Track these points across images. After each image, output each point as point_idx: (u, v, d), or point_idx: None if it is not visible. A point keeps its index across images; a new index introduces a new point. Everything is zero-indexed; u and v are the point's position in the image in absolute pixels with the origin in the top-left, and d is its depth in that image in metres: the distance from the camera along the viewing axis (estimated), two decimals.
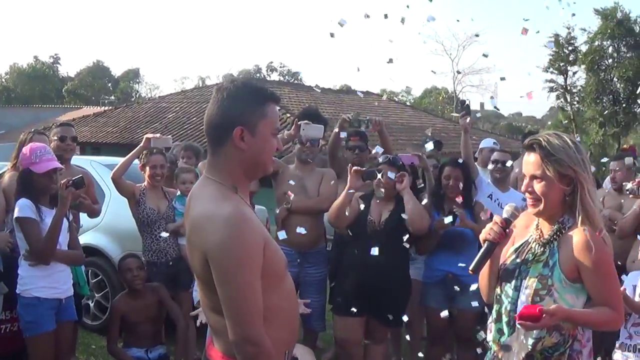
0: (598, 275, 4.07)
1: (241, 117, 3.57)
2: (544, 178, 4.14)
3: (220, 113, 3.61)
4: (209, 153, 3.74)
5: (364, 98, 41.61)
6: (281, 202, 8.33)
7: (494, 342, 4.44)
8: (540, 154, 4.15)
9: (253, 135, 3.58)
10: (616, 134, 57.04)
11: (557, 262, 4.16)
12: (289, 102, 34.21)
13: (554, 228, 4.22)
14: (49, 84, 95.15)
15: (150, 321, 8.36)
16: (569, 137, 4.25)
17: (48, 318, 6.92)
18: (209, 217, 3.45)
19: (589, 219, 4.09)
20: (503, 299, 4.37)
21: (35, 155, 6.95)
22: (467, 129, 8.47)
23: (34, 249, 6.83)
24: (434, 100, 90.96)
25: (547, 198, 4.16)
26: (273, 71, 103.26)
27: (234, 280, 3.37)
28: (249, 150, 3.59)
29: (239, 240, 3.38)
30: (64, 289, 7.12)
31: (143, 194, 8.54)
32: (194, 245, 3.58)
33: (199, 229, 3.49)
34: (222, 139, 3.61)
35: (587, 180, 4.13)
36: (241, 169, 3.66)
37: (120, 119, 37.49)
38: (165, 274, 8.53)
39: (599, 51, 57.46)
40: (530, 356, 4.23)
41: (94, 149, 32.39)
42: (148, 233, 8.55)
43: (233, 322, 3.41)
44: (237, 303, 3.40)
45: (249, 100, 3.62)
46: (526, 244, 4.37)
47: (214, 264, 3.39)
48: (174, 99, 39.82)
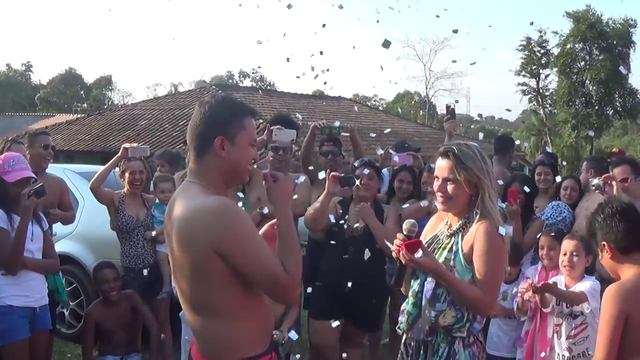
0: (483, 259, 4.63)
1: (222, 127, 3.90)
2: (455, 181, 4.75)
3: (203, 124, 3.93)
4: (192, 161, 4.01)
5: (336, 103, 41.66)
6: (254, 207, 8.33)
7: (405, 324, 5.00)
8: (453, 161, 4.74)
9: (232, 145, 3.91)
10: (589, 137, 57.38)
11: (460, 248, 4.76)
12: (262, 108, 34.21)
13: (460, 222, 4.85)
14: (21, 92, 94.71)
15: (125, 329, 8.33)
16: (477, 148, 4.86)
17: (21, 326, 6.86)
18: (204, 210, 3.74)
19: (488, 215, 4.70)
20: (412, 283, 4.97)
21: (7, 165, 6.96)
22: (452, 133, 8.53)
23: (2, 259, 6.79)
24: (406, 104, 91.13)
25: (456, 198, 4.78)
26: (245, 77, 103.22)
27: (253, 252, 3.72)
28: (229, 158, 3.92)
29: (238, 218, 3.76)
30: (38, 297, 7.07)
31: (122, 201, 8.57)
32: (184, 243, 3.78)
33: (193, 224, 3.73)
34: (204, 148, 3.93)
35: (489, 186, 4.75)
36: (221, 176, 3.96)
37: (93, 127, 37.33)
38: (142, 280, 8.55)
39: (571, 54, 57.80)
40: (434, 331, 4.80)
41: (67, 157, 32.18)
42: (126, 240, 8.58)
43: (267, 286, 3.82)
44: (263, 267, 3.75)
45: (229, 113, 3.97)
46: (435, 237, 5.02)
47: (229, 247, 3.67)
48: (147, 106, 39.71)
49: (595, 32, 55.86)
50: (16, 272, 6.84)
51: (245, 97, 36.54)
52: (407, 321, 4.97)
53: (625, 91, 57.70)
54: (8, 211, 6.85)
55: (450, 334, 4.78)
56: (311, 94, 50.88)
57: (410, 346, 4.99)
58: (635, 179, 8.02)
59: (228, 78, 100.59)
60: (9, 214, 6.84)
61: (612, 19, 56.98)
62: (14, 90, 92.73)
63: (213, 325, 3.88)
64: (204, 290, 3.82)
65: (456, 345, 4.78)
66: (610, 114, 58.85)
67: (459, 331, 4.78)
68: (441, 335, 4.79)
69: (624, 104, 58.05)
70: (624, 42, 56.33)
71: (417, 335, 4.89)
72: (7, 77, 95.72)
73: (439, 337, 4.80)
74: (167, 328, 8.59)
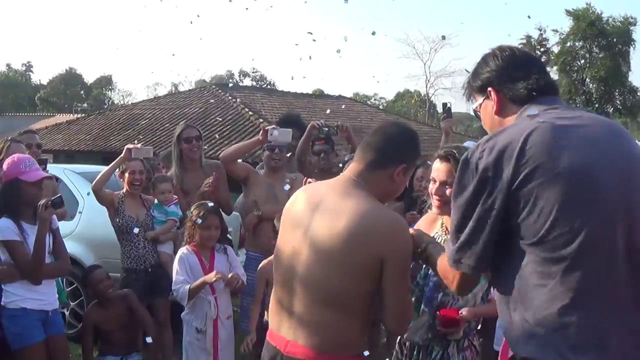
0: None
1: (408, 158, 4.22)
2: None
3: (396, 145, 4.22)
4: (363, 164, 4.21)
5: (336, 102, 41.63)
6: (251, 208, 8.33)
7: None
8: (453, 164, 4.77)
9: (404, 176, 4.21)
10: None
11: None
12: (262, 108, 34.24)
13: None
14: (21, 92, 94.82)
15: (124, 329, 8.30)
16: None
17: (36, 329, 6.82)
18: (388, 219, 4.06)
19: None
20: (413, 288, 4.88)
21: (24, 165, 6.87)
22: (449, 132, 8.51)
23: (24, 271, 6.77)
24: (406, 103, 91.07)
25: None
26: (245, 76, 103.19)
27: (405, 274, 4.05)
28: (397, 184, 4.23)
29: (409, 240, 4.07)
30: (50, 300, 7.05)
31: (122, 202, 8.52)
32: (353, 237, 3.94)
33: (373, 225, 3.95)
34: (385, 164, 4.16)
35: None
36: (380, 192, 4.17)
37: (93, 127, 37.37)
38: (143, 281, 8.50)
39: (571, 52, 57.84)
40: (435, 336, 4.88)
41: (67, 157, 32.26)
42: (127, 241, 8.52)
43: (395, 308, 4.04)
44: (404, 290, 4.08)
45: (415, 149, 4.32)
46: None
47: (395, 260, 3.93)
48: (147, 106, 39.74)
49: (595, 30, 55.86)
50: (40, 283, 6.84)
51: (245, 97, 36.61)
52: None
53: (626, 89, 57.76)
54: (17, 219, 6.77)
55: (445, 338, 4.85)
56: (311, 93, 50.87)
57: (405, 346, 5.03)
58: None
59: (228, 77, 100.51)
60: (18, 223, 6.76)
61: (612, 17, 57.03)
62: (14, 91, 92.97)
63: (339, 321, 4.03)
64: (348, 285, 3.99)
65: (450, 349, 4.87)
66: (610, 112, 58.79)
67: (455, 333, 4.86)
68: (436, 339, 4.85)
69: (624, 102, 58.12)
70: (624, 40, 56.34)
71: (412, 338, 4.93)
72: (7, 77, 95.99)
73: (433, 340, 4.86)
74: (168, 328, 8.57)
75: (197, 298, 7.14)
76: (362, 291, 3.99)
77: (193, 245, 7.32)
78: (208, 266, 7.28)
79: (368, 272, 3.92)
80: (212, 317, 7.19)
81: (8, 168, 6.91)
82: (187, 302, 7.16)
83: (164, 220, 8.59)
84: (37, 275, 6.81)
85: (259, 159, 10.66)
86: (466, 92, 3.79)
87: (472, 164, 3.27)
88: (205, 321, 7.19)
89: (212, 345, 7.22)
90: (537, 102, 3.42)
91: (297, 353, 4.07)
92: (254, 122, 28.91)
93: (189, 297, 7.06)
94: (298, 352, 4.07)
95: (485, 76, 3.59)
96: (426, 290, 4.89)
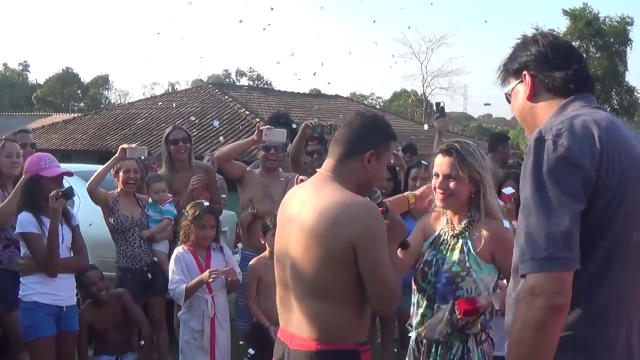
0: (505, 256, 4.55)
1: (375, 143, 4.31)
2: (457, 178, 4.88)
3: (362, 132, 4.36)
4: (334, 159, 4.39)
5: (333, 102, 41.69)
6: (246, 207, 8.33)
7: (419, 325, 5.08)
8: (456, 157, 4.87)
9: (377, 161, 4.32)
10: None
11: (471, 248, 4.91)
12: (258, 107, 34.27)
13: (465, 221, 5.00)
14: (18, 92, 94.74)
15: (118, 328, 8.31)
16: (475, 146, 5.05)
17: (46, 324, 6.98)
18: (352, 204, 4.11)
19: (491, 213, 4.95)
20: (425, 286, 5.05)
21: (44, 162, 7.19)
22: (442, 132, 8.53)
23: (40, 263, 6.96)
24: (403, 103, 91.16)
25: (458, 194, 4.91)
26: (242, 76, 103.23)
27: (380, 256, 4.07)
28: (370, 171, 4.31)
29: (379, 222, 4.13)
30: (65, 296, 7.18)
31: (116, 201, 8.50)
32: (323, 230, 4.08)
33: (338, 215, 4.06)
34: (354, 155, 4.30)
35: (489, 183, 4.95)
36: (356, 183, 4.30)
37: (90, 126, 37.35)
38: (139, 280, 8.48)
39: None
40: (454, 332, 4.87)
41: (63, 156, 32.21)
42: (122, 240, 8.51)
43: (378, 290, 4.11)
44: (383, 272, 4.08)
45: (384, 133, 4.45)
46: (439, 237, 5.14)
47: (365, 244, 4.02)
48: (143, 105, 39.74)
49: (592, 30, 55.84)
50: (55, 274, 7.01)
51: (242, 96, 36.64)
52: (422, 322, 5.05)
53: (622, 89, 57.71)
54: (37, 214, 6.99)
55: (463, 332, 4.90)
56: (308, 93, 50.93)
57: (422, 343, 5.05)
58: None
59: (225, 77, 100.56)
60: (38, 217, 6.99)
61: (608, 17, 56.97)
62: (10, 90, 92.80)
63: (333, 311, 4.14)
64: (330, 276, 4.10)
65: (470, 343, 4.92)
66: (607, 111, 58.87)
67: (473, 327, 4.93)
68: (455, 334, 4.88)
69: (621, 102, 58.06)
70: (620, 40, 56.31)
71: (431, 336, 4.96)
72: (4, 76, 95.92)
73: (452, 336, 4.88)
74: (163, 327, 8.55)
75: (194, 297, 7.17)
76: (345, 280, 4.11)
77: (189, 244, 7.34)
78: (204, 265, 7.30)
79: (343, 259, 4.04)
80: (209, 316, 7.22)
81: (29, 165, 7.22)
82: (184, 302, 7.16)
83: (159, 219, 8.58)
84: (52, 267, 6.96)
85: (255, 157, 10.65)
86: (501, 74, 3.70)
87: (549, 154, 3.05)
88: (202, 320, 7.22)
89: (210, 344, 7.23)
90: (582, 98, 3.38)
91: (301, 346, 4.22)
92: (251, 122, 28.89)
93: (186, 296, 7.10)
94: (302, 344, 4.22)
95: (523, 59, 3.51)
96: (439, 287, 4.94)
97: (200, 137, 28.74)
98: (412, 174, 8.19)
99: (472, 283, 4.85)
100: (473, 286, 4.86)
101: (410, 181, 8.12)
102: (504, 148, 11.52)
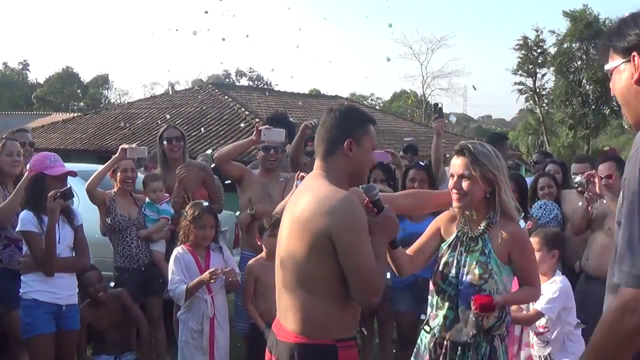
0: (524, 258, 4.99)
1: (351, 131, 4.40)
2: (471, 178, 4.87)
3: (335, 126, 4.43)
4: (319, 157, 4.49)
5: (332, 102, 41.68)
6: (246, 208, 8.33)
7: (442, 327, 5.08)
8: (469, 157, 4.88)
9: (358, 147, 4.39)
10: (586, 136, 57.40)
11: (492, 250, 4.94)
12: (258, 107, 34.25)
13: (484, 223, 5.00)
14: (18, 91, 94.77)
15: (117, 328, 8.32)
16: (491, 147, 5.08)
17: (45, 321, 7.01)
18: (330, 197, 4.17)
19: (507, 213, 4.96)
20: (445, 288, 5.06)
21: (49, 161, 7.25)
22: (440, 133, 8.53)
23: (38, 262, 6.99)
24: (403, 103, 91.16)
25: (472, 194, 4.89)
26: (242, 76, 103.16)
27: (358, 247, 4.12)
28: (355, 159, 4.40)
29: (357, 213, 4.17)
30: (65, 295, 7.18)
31: (113, 200, 8.49)
32: (305, 222, 4.20)
33: (315, 207, 4.17)
34: (334, 149, 4.40)
35: (504, 182, 4.92)
36: (346, 174, 4.41)
37: (90, 126, 37.29)
38: (136, 280, 8.47)
39: (567, 53, 57.98)
40: (479, 333, 4.94)
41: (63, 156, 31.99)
42: (119, 240, 8.50)
43: (358, 281, 4.15)
44: (362, 264, 4.13)
45: (357, 119, 4.51)
46: (457, 239, 5.13)
47: (341, 235, 4.09)
48: (143, 105, 39.70)
49: (592, 31, 55.95)
50: (52, 274, 7.03)
51: (241, 96, 36.61)
52: (444, 324, 5.07)
53: None
54: (39, 213, 7.01)
55: (490, 333, 4.96)
56: (307, 93, 50.91)
57: (443, 346, 5.07)
58: (620, 177, 7.99)
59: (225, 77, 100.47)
60: (39, 216, 7.00)
61: (609, 19, 57.03)
62: (10, 89, 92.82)
63: (313, 304, 4.24)
64: (312, 268, 4.20)
65: (496, 342, 4.99)
66: (607, 113, 58.98)
67: (499, 329, 5.01)
68: (481, 335, 4.95)
69: None
70: None
71: (458, 338, 5.00)
72: (4, 75, 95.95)
73: (479, 337, 4.94)
74: (161, 327, 8.55)
75: (194, 297, 7.17)
76: (327, 273, 4.18)
77: (188, 244, 7.34)
78: (204, 265, 7.29)
79: (323, 251, 4.13)
80: (209, 316, 7.23)
81: (34, 163, 7.27)
82: (184, 302, 7.17)
83: (156, 219, 8.59)
84: (48, 266, 6.98)
85: (254, 157, 10.67)
86: (603, 48, 3.42)
87: None
88: (201, 320, 7.22)
89: (209, 344, 7.23)
90: None
91: (284, 337, 4.35)
92: (250, 121, 28.86)
93: (186, 296, 7.10)
94: (285, 336, 4.35)
95: (634, 39, 3.18)
96: (461, 289, 4.98)
97: (199, 137, 28.73)
98: (410, 175, 8.16)
99: (494, 285, 4.90)
100: (495, 287, 4.91)
101: (408, 182, 8.10)
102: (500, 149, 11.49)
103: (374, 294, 4.22)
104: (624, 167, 3.14)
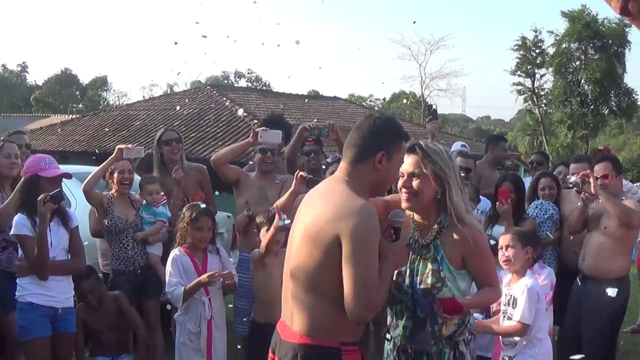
0: (478, 260, 4.78)
1: (385, 144, 4.42)
2: (421, 176, 4.68)
3: (371, 135, 4.43)
4: (347, 162, 4.50)
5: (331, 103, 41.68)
6: (242, 210, 8.33)
7: (402, 337, 4.92)
8: (420, 154, 4.69)
9: (389, 162, 4.43)
10: (585, 136, 57.42)
11: (444, 256, 4.74)
12: (256, 109, 34.21)
13: (435, 228, 4.80)
14: (16, 93, 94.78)
15: (113, 330, 8.31)
16: (443, 147, 4.92)
17: (41, 325, 6.99)
18: (346, 204, 4.20)
19: (458, 216, 4.69)
20: (402, 297, 4.89)
21: (44, 162, 7.22)
22: (434, 134, 8.56)
23: (31, 265, 6.97)
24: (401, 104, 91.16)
25: (422, 193, 4.68)
26: (241, 77, 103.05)
27: (363, 259, 4.12)
28: (382, 172, 4.43)
29: (370, 224, 4.17)
30: (61, 298, 7.17)
31: (111, 202, 8.48)
32: (320, 225, 4.24)
33: (331, 212, 4.22)
34: (364, 157, 4.42)
35: (455, 182, 4.71)
36: (369, 185, 4.45)
37: (88, 128, 37.22)
38: (132, 282, 8.46)
39: (566, 53, 57.94)
40: (438, 342, 4.82)
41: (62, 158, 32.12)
42: (116, 242, 8.49)
43: (355, 293, 4.10)
44: (364, 277, 4.11)
45: (394, 133, 4.53)
46: (409, 247, 4.92)
47: (348, 242, 4.09)
48: (141, 107, 39.64)
49: (591, 31, 55.99)
50: (46, 277, 7.01)
51: (240, 98, 36.60)
52: (405, 334, 4.92)
53: (621, 90, 57.86)
54: (33, 215, 6.96)
55: (452, 339, 4.86)
56: (306, 94, 50.91)
57: (406, 353, 4.96)
58: (616, 177, 8.02)
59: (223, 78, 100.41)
60: (33, 219, 6.96)
61: (607, 19, 57.12)
62: (9, 91, 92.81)
63: (320, 307, 4.27)
64: (320, 271, 4.23)
65: (461, 347, 4.91)
66: (605, 113, 59.06)
67: (462, 334, 4.90)
68: (443, 342, 4.84)
69: (620, 104, 58.21)
70: (619, 41, 56.43)
71: (420, 347, 4.88)
72: (2, 77, 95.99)
73: (441, 344, 4.84)
74: (158, 329, 8.55)
75: (191, 299, 7.16)
76: (334, 277, 4.16)
77: (185, 246, 7.33)
78: (201, 267, 7.29)
79: (332, 255, 4.14)
80: (207, 318, 7.23)
81: (28, 165, 7.27)
82: (181, 304, 7.17)
83: (152, 222, 8.58)
84: (41, 270, 6.97)
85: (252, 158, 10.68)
86: None
87: None
88: (199, 322, 7.22)
89: (206, 346, 7.24)
90: None
91: (289, 337, 4.37)
92: (248, 123, 28.85)
93: (184, 298, 7.10)
94: (290, 336, 4.37)
95: None
96: (417, 298, 4.82)
97: (197, 138, 28.75)
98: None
99: (449, 292, 4.73)
100: (449, 295, 4.73)
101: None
102: (495, 149, 11.44)
103: (367, 309, 4.19)
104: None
